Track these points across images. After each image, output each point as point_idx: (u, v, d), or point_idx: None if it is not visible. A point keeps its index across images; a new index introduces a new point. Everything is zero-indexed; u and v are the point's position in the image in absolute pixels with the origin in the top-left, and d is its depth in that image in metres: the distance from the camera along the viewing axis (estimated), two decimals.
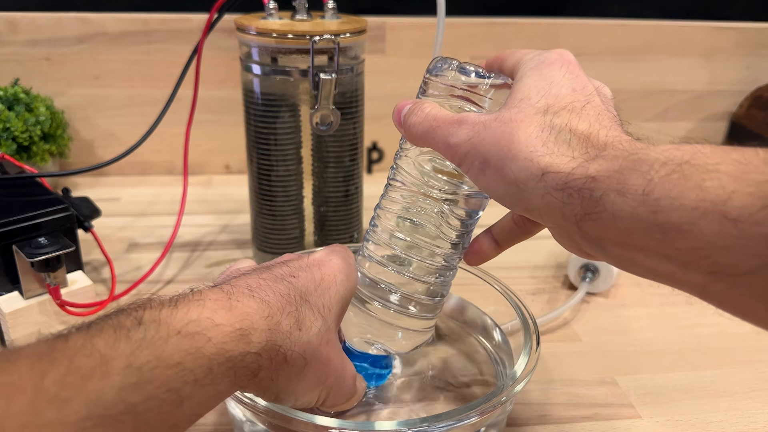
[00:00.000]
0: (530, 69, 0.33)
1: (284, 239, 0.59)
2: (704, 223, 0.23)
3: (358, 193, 0.60)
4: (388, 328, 0.40)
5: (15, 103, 0.72)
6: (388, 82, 0.83)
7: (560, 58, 0.33)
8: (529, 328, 0.41)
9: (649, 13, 0.88)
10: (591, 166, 0.27)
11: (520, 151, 0.29)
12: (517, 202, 0.31)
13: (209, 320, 0.27)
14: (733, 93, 0.91)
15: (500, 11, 0.85)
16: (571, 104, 0.30)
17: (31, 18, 0.77)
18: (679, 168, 0.25)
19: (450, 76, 0.36)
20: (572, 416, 0.45)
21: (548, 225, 0.32)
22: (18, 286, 0.48)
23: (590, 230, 0.28)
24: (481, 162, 0.31)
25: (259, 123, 0.54)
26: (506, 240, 0.39)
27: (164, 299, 0.28)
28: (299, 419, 0.33)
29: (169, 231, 0.63)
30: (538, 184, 0.29)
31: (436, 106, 0.35)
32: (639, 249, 0.26)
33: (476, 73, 0.36)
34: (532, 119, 0.30)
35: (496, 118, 0.31)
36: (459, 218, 0.38)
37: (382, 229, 0.40)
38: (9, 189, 0.53)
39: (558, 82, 0.32)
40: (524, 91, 0.32)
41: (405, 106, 0.36)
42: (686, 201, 0.24)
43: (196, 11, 0.78)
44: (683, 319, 0.57)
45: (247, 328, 0.29)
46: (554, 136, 0.29)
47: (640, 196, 0.25)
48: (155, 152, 0.84)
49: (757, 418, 0.45)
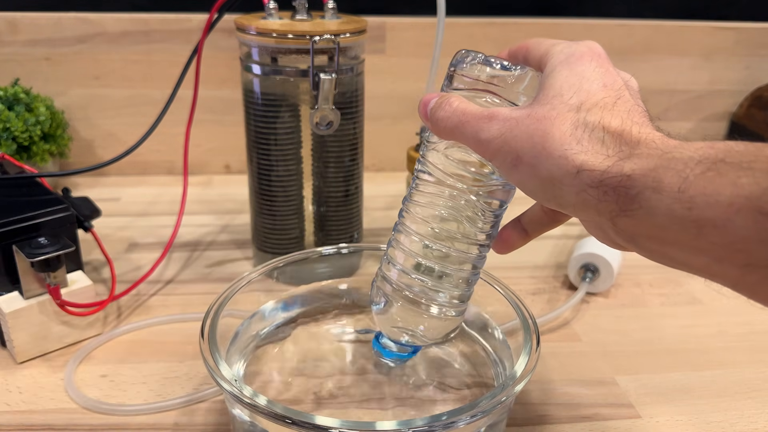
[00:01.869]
0: (560, 63, 0.33)
1: (284, 239, 0.59)
2: (739, 219, 0.24)
3: (358, 193, 0.60)
4: (419, 317, 0.40)
5: (15, 103, 0.72)
6: (388, 82, 0.84)
7: (590, 51, 0.33)
8: (529, 328, 0.41)
9: (649, 13, 0.88)
10: (626, 164, 0.28)
11: (554, 148, 0.30)
12: (552, 198, 0.31)
13: None
14: (733, 93, 0.91)
15: (500, 11, 0.85)
16: (603, 100, 0.31)
17: (31, 18, 0.77)
18: (714, 166, 0.25)
19: (475, 69, 0.36)
20: (572, 416, 0.45)
21: (581, 219, 0.32)
22: (18, 286, 0.48)
23: (625, 226, 0.28)
24: (513, 158, 0.31)
25: (259, 123, 0.54)
26: (535, 229, 0.39)
27: None
28: (299, 419, 0.33)
29: (169, 231, 0.63)
30: (573, 181, 0.29)
31: (463, 99, 0.35)
32: (673, 243, 0.27)
33: (502, 66, 0.35)
34: (565, 116, 0.30)
35: (528, 114, 0.31)
36: (490, 209, 0.38)
37: (412, 222, 0.40)
38: (9, 189, 0.53)
39: (589, 77, 0.32)
40: (556, 88, 0.32)
41: (431, 99, 0.36)
42: (721, 198, 0.24)
43: (196, 11, 0.78)
44: (683, 319, 0.57)
45: None
46: (588, 134, 0.29)
47: (676, 194, 0.26)
48: (155, 152, 0.84)
49: (757, 418, 0.45)
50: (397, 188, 0.82)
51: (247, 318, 0.47)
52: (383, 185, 0.83)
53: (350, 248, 0.54)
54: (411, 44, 0.82)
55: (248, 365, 0.46)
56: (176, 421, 0.43)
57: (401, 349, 0.43)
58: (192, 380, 0.47)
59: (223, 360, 0.38)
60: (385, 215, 0.76)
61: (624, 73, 0.34)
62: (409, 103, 0.84)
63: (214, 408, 0.45)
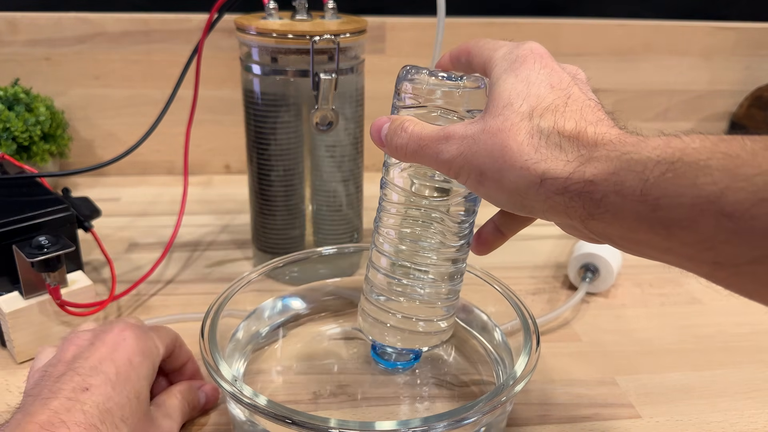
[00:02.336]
0: (504, 71, 0.33)
1: (284, 239, 0.59)
2: (703, 220, 0.24)
3: (358, 193, 0.60)
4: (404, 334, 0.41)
5: (15, 103, 0.72)
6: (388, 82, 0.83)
7: (532, 53, 0.33)
8: (529, 328, 0.41)
9: (649, 13, 0.88)
10: (587, 169, 0.28)
11: (515, 160, 0.30)
12: (521, 208, 0.31)
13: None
14: (733, 93, 0.91)
15: (500, 11, 0.85)
16: (554, 103, 0.30)
17: (31, 18, 0.77)
18: (672, 167, 0.25)
19: (422, 84, 0.36)
20: (572, 416, 0.45)
21: (555, 222, 0.32)
22: (18, 286, 0.48)
23: (596, 228, 0.29)
24: (477, 174, 0.31)
25: (259, 123, 0.54)
26: (510, 229, 0.39)
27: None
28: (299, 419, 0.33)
29: (170, 231, 0.63)
30: (539, 190, 0.29)
31: (417, 122, 0.34)
32: (645, 243, 0.27)
33: (448, 77, 0.35)
34: (519, 126, 0.30)
35: (483, 129, 0.31)
36: (456, 221, 0.38)
37: (385, 241, 0.40)
38: (9, 189, 0.53)
39: (534, 80, 0.32)
40: (505, 97, 0.31)
41: (383, 124, 0.36)
42: (684, 199, 0.25)
43: (196, 11, 0.78)
44: (683, 319, 0.57)
45: None
46: (545, 141, 0.29)
47: (639, 196, 0.26)
48: (155, 152, 0.84)
49: (757, 418, 0.45)
50: None
51: (247, 318, 0.47)
52: None
53: (350, 248, 0.54)
54: (411, 44, 0.82)
55: (248, 365, 0.46)
56: None
57: (401, 358, 0.44)
58: None
59: (223, 360, 0.38)
60: None
61: (570, 66, 0.34)
62: None
63: (215, 408, 0.45)
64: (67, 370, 0.35)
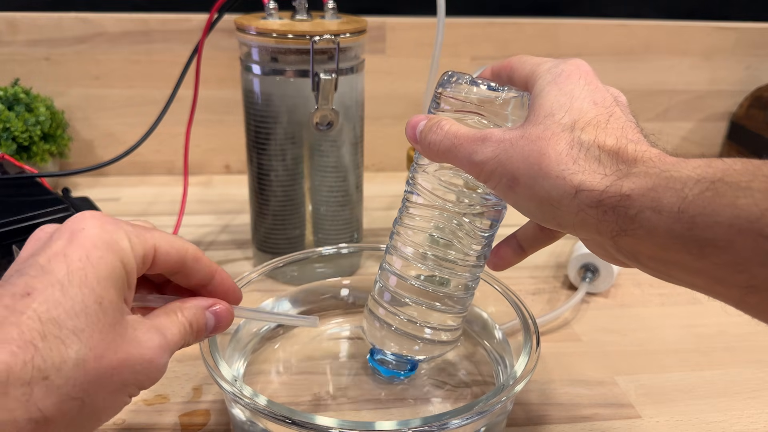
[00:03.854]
0: (548, 83, 0.33)
1: (284, 239, 0.59)
2: (740, 240, 0.24)
3: (358, 193, 0.60)
4: (408, 340, 0.41)
5: (15, 103, 0.72)
6: (388, 82, 0.84)
7: (577, 69, 0.33)
8: (529, 328, 0.41)
9: (649, 13, 0.88)
10: (624, 183, 0.28)
11: (551, 168, 0.29)
12: (550, 219, 0.31)
13: None
14: (733, 93, 0.91)
15: (500, 11, 0.85)
16: (596, 118, 0.31)
17: (31, 18, 0.77)
18: (712, 186, 0.25)
19: (463, 90, 0.36)
20: (572, 416, 0.45)
21: (581, 238, 0.32)
22: None
23: (626, 245, 0.28)
24: (509, 179, 0.31)
25: (259, 123, 0.54)
26: (531, 245, 0.39)
27: None
28: (299, 419, 0.33)
29: (170, 231, 0.63)
30: (572, 202, 0.29)
31: (454, 122, 0.34)
32: (675, 264, 0.27)
33: (489, 87, 0.35)
34: (560, 136, 0.30)
35: (522, 135, 0.31)
36: (481, 230, 0.38)
37: (404, 245, 0.40)
38: (9, 189, 0.53)
39: (578, 95, 0.32)
40: (547, 108, 0.31)
41: (420, 121, 0.35)
42: (721, 218, 0.24)
43: (196, 11, 0.78)
44: (683, 319, 0.57)
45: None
46: (584, 153, 0.29)
47: (676, 214, 0.26)
48: (155, 152, 0.84)
49: (757, 418, 0.45)
50: (397, 188, 0.82)
51: None
52: (383, 185, 0.84)
53: (350, 248, 0.54)
54: (411, 44, 0.82)
55: (248, 365, 0.46)
56: (176, 421, 0.43)
57: (398, 367, 0.44)
58: (192, 380, 0.47)
59: (223, 360, 0.38)
60: (385, 215, 0.76)
61: (612, 89, 0.34)
62: (409, 103, 0.84)
63: (214, 408, 0.45)
64: (14, 272, 0.28)
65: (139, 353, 0.29)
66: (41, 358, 0.25)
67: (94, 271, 0.28)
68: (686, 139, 0.93)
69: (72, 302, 0.27)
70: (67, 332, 0.26)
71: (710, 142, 0.94)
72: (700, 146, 0.94)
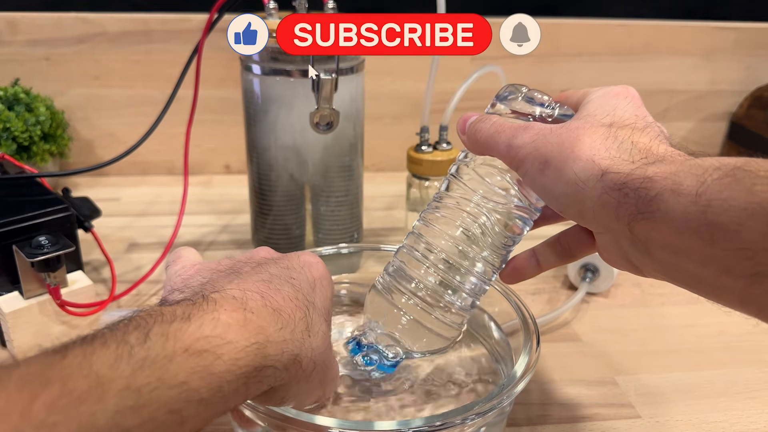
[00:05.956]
0: (597, 96, 0.36)
1: (284, 239, 0.59)
2: (751, 224, 0.25)
3: (358, 193, 0.60)
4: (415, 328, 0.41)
5: (15, 103, 0.72)
6: (389, 82, 0.84)
7: (625, 91, 0.36)
8: (529, 328, 0.41)
9: (649, 13, 0.88)
10: (649, 168, 0.29)
11: (582, 152, 0.31)
12: (573, 202, 0.32)
13: (220, 338, 0.27)
14: (733, 93, 0.91)
15: (500, 11, 0.85)
16: (634, 123, 0.33)
17: (31, 18, 0.77)
18: (731, 172, 0.26)
19: (518, 104, 0.38)
20: (572, 416, 0.45)
21: (597, 230, 0.33)
22: (18, 286, 0.48)
23: (640, 231, 0.29)
24: (541, 162, 0.33)
25: (259, 123, 0.54)
26: (547, 261, 0.40)
27: (178, 310, 0.27)
28: (299, 419, 0.33)
29: (170, 231, 0.63)
30: (597, 184, 0.30)
31: (503, 118, 0.37)
32: (685, 252, 0.28)
33: (542, 104, 0.38)
34: (597, 128, 0.32)
35: (562, 125, 0.34)
36: (506, 234, 0.39)
37: (427, 235, 0.40)
38: (9, 189, 0.53)
39: (622, 107, 0.34)
40: (590, 109, 0.34)
41: (472, 116, 0.38)
42: (735, 203, 0.25)
43: (196, 11, 0.78)
44: (683, 319, 0.57)
45: (262, 342, 0.28)
46: (617, 145, 0.31)
47: (693, 197, 0.27)
48: (155, 152, 0.84)
49: (757, 419, 0.45)
50: (397, 188, 0.82)
51: None
52: (383, 185, 0.83)
53: (350, 248, 0.54)
54: None
55: None
56: None
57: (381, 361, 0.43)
58: None
59: None
60: (385, 215, 0.76)
61: (659, 123, 0.36)
62: (409, 103, 0.84)
63: None
64: (260, 262, 0.35)
65: (335, 364, 0.36)
66: (308, 319, 0.32)
67: (327, 289, 0.36)
68: (686, 139, 0.93)
69: (320, 299, 0.34)
70: (321, 314, 0.33)
71: (710, 141, 0.94)
72: (700, 146, 0.94)
